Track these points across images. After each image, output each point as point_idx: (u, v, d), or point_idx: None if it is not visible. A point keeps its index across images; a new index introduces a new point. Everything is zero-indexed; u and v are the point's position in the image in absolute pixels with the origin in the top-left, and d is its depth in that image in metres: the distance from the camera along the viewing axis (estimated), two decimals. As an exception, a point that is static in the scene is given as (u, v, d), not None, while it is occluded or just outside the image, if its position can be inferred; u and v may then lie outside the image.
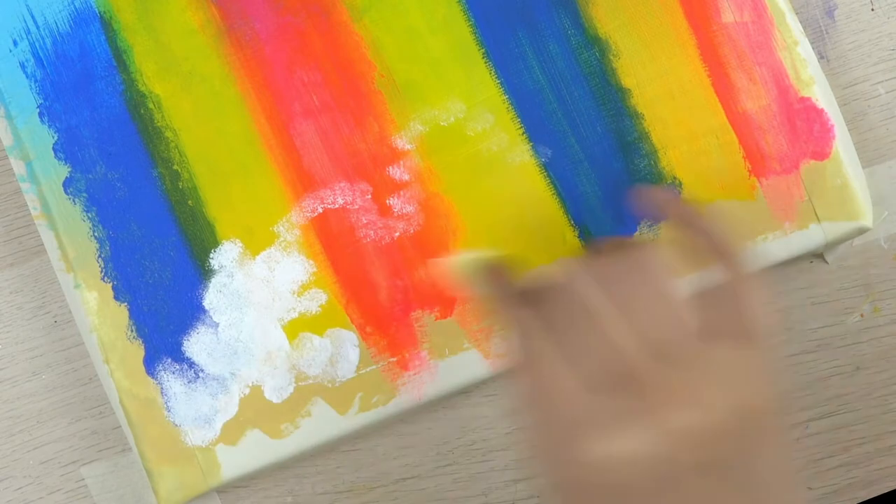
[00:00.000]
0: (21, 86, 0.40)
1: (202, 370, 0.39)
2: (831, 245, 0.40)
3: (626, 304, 0.29)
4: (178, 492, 0.39)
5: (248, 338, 0.39)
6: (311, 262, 0.39)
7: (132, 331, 0.39)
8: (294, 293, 0.39)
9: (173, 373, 0.39)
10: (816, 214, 0.39)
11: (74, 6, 0.40)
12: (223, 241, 0.39)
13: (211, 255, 0.39)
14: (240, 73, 0.39)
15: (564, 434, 0.28)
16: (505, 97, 0.39)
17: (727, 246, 0.31)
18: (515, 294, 0.31)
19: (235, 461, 0.39)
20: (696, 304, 0.30)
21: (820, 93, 0.39)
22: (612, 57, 0.39)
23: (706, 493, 0.27)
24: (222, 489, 0.40)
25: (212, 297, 0.39)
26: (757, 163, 0.39)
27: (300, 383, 0.39)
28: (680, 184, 0.39)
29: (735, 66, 0.39)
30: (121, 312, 0.39)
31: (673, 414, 0.27)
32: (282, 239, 0.39)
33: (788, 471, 0.29)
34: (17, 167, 0.40)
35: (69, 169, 0.39)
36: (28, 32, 0.40)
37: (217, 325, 0.39)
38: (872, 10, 0.42)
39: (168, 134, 0.39)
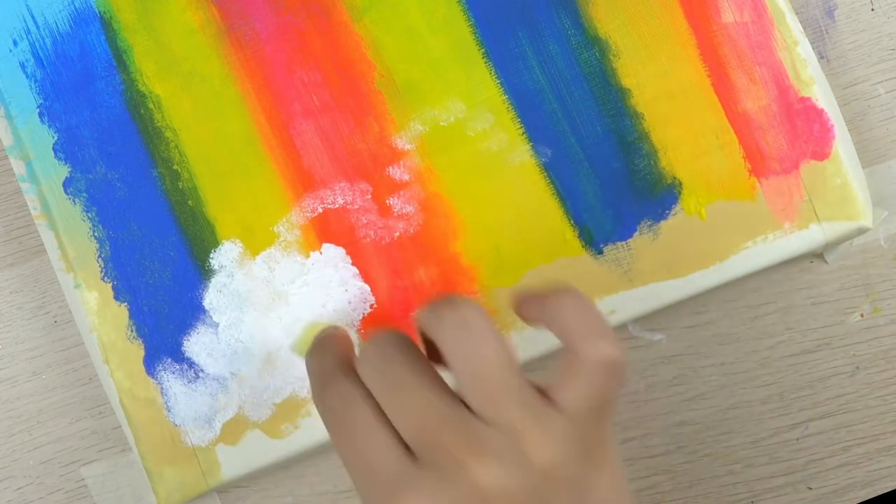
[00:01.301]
0: (21, 86, 0.40)
1: (202, 370, 0.39)
2: (831, 245, 0.40)
3: (451, 362, 0.29)
4: (178, 492, 0.39)
5: (248, 338, 0.39)
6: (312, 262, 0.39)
7: (132, 331, 0.39)
8: (294, 293, 0.39)
9: (173, 373, 0.39)
10: (816, 214, 0.39)
11: (74, 6, 0.40)
12: (223, 241, 0.39)
13: (211, 255, 0.39)
14: (240, 73, 0.39)
15: (381, 499, 0.28)
16: (505, 97, 0.39)
17: (590, 323, 0.30)
18: (338, 365, 0.31)
19: (235, 461, 0.39)
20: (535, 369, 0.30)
21: (820, 93, 0.39)
22: (612, 57, 0.39)
23: None
24: (222, 489, 0.40)
25: (212, 297, 0.39)
26: (757, 163, 0.39)
27: (300, 383, 0.39)
28: (680, 184, 0.39)
29: (735, 66, 0.39)
30: (121, 312, 0.39)
31: (486, 473, 0.27)
32: (282, 239, 0.39)
33: None
34: (17, 167, 0.40)
35: (69, 169, 0.39)
36: (28, 32, 0.40)
37: (217, 325, 0.39)
38: (872, 10, 0.42)
39: (168, 134, 0.39)
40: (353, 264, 0.39)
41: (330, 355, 0.32)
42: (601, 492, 0.29)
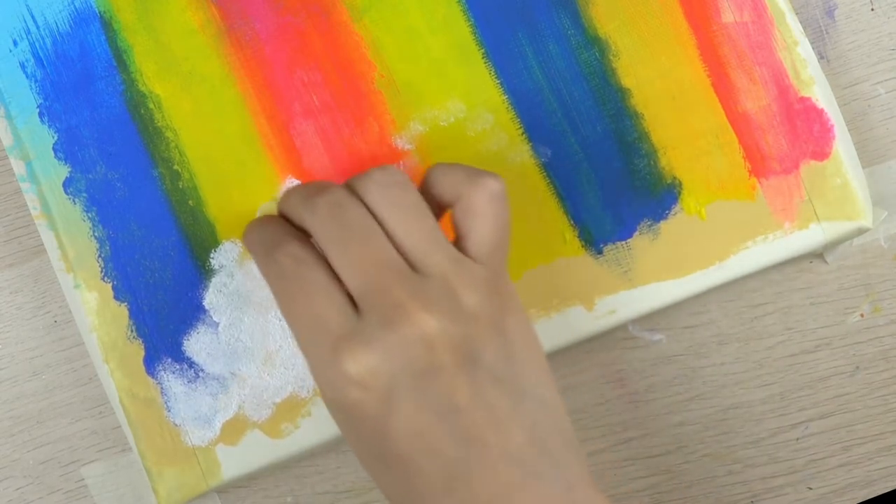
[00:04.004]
0: (21, 86, 0.40)
1: (202, 370, 0.39)
2: (831, 245, 0.40)
3: (385, 219, 0.31)
4: (178, 492, 0.39)
5: (248, 338, 0.39)
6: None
7: (132, 331, 0.39)
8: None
9: (173, 373, 0.39)
10: (816, 214, 0.39)
11: (74, 6, 0.40)
12: (223, 241, 0.39)
13: (211, 255, 0.39)
14: (240, 73, 0.39)
15: (330, 352, 0.30)
16: (505, 97, 0.39)
17: (464, 172, 0.33)
18: (286, 230, 0.33)
19: (235, 461, 0.39)
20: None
21: (820, 93, 0.39)
22: (611, 57, 0.39)
23: (471, 385, 0.30)
24: (222, 489, 0.40)
25: (212, 297, 0.39)
26: (757, 163, 0.39)
27: (300, 383, 0.39)
28: (680, 184, 0.39)
29: (735, 66, 0.39)
30: (121, 312, 0.39)
31: (428, 320, 0.29)
32: (282, 239, 0.39)
33: (542, 367, 0.32)
34: (17, 167, 0.40)
35: (69, 169, 0.39)
36: (28, 32, 0.40)
37: (217, 324, 0.39)
38: (872, 10, 0.42)
39: (168, 134, 0.39)
40: (353, 264, 0.39)
41: (275, 224, 0.33)
42: (516, 332, 0.31)
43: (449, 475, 0.29)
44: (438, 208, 0.33)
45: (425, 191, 0.33)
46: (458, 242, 0.32)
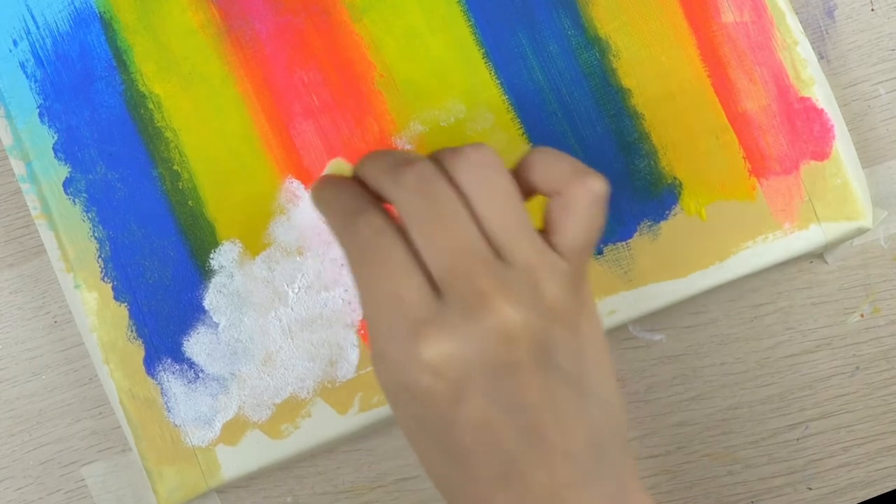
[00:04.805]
0: (21, 86, 0.40)
1: (202, 370, 0.39)
2: (831, 245, 0.40)
3: (474, 200, 0.30)
4: (178, 492, 0.39)
5: (248, 338, 0.39)
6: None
7: (132, 331, 0.39)
8: (294, 293, 0.39)
9: (173, 373, 0.39)
10: (816, 215, 0.39)
11: (74, 6, 0.40)
12: (223, 241, 0.39)
13: (211, 255, 0.39)
14: (240, 73, 0.39)
15: (407, 334, 0.29)
16: (505, 97, 0.39)
17: (571, 165, 0.31)
18: (366, 197, 0.31)
19: (235, 461, 0.39)
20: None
21: (820, 93, 0.39)
22: (612, 57, 0.39)
23: (542, 383, 0.29)
24: (222, 489, 0.40)
25: (212, 298, 0.39)
26: (757, 163, 0.39)
27: (300, 384, 0.39)
28: (680, 184, 0.39)
29: (735, 66, 0.39)
30: (121, 312, 0.39)
31: (511, 313, 0.28)
32: (282, 239, 0.39)
33: (609, 370, 0.31)
34: (17, 167, 0.40)
35: (69, 169, 0.39)
36: (28, 32, 0.40)
37: (217, 325, 0.39)
38: (872, 10, 0.42)
39: (168, 134, 0.39)
40: (353, 264, 0.39)
41: (354, 188, 0.32)
42: (590, 333, 0.31)
43: (506, 470, 0.29)
44: (529, 192, 0.32)
45: (520, 173, 0.32)
46: (547, 233, 0.31)
